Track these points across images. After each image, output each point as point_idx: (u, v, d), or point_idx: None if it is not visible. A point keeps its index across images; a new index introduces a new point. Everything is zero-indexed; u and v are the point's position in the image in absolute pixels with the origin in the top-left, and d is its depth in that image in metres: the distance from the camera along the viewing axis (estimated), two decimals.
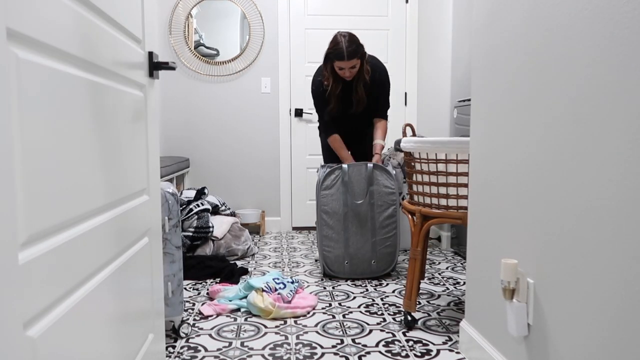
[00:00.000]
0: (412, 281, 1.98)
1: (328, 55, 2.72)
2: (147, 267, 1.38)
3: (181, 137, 3.96)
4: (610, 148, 1.01)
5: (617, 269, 0.99)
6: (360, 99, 2.84)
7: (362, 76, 2.80)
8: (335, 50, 2.67)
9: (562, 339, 1.19)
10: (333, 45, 2.69)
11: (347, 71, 2.72)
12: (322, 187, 2.70)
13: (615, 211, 1.00)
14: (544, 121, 1.25)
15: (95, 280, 0.98)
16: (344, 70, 2.72)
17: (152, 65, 1.42)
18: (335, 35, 2.71)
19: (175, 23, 3.84)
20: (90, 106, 0.96)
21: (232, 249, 3.10)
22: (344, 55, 2.65)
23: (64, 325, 0.82)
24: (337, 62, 2.69)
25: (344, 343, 1.88)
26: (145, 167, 1.37)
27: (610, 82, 1.01)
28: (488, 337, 1.60)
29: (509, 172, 1.44)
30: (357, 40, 2.71)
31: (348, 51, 2.65)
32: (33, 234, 0.73)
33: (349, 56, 2.66)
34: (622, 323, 0.98)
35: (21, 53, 0.70)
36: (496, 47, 1.51)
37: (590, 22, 1.07)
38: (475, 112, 1.68)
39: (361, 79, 2.80)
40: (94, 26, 0.98)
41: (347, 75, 2.75)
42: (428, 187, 1.94)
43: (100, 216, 1.03)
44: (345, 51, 2.65)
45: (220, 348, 1.84)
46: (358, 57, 2.70)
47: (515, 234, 1.41)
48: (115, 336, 1.09)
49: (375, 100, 2.90)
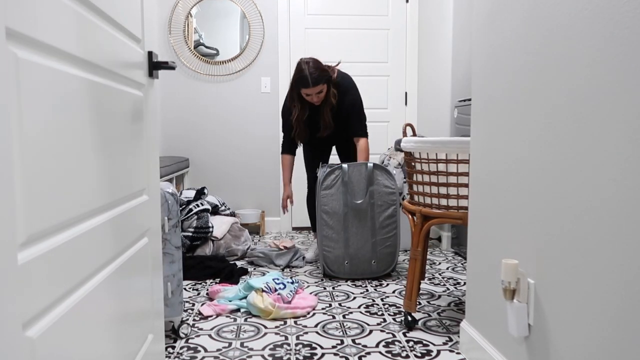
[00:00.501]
0: (412, 281, 1.98)
1: (293, 82, 2.75)
2: (147, 268, 1.37)
3: (181, 137, 3.95)
4: (610, 148, 1.01)
5: (618, 269, 0.99)
6: (326, 124, 2.87)
7: (329, 100, 2.81)
8: (300, 78, 2.70)
9: (562, 339, 1.19)
10: (297, 73, 2.72)
11: (314, 97, 2.76)
12: (322, 187, 2.70)
13: (616, 211, 0.99)
14: (544, 121, 1.25)
15: (95, 281, 0.98)
16: (311, 96, 2.76)
17: (152, 64, 1.42)
18: (299, 63, 2.74)
19: (174, 22, 3.83)
20: (89, 106, 0.95)
21: (232, 249, 3.10)
22: (308, 83, 2.69)
23: (63, 326, 0.82)
24: (303, 89, 2.73)
25: (344, 343, 1.88)
26: (144, 167, 1.36)
27: (610, 81, 1.01)
28: (489, 337, 1.60)
29: (510, 172, 1.44)
30: (321, 65, 2.74)
31: (312, 78, 2.68)
32: (32, 234, 0.73)
33: (313, 83, 2.69)
34: (622, 323, 0.98)
35: (20, 53, 0.70)
36: (497, 46, 1.51)
37: (590, 21, 1.07)
38: (476, 112, 1.67)
39: (328, 103, 2.82)
40: (93, 26, 0.98)
41: (314, 100, 2.78)
42: (428, 187, 1.94)
43: (100, 216, 1.03)
44: (310, 78, 2.68)
45: (220, 348, 1.84)
46: (323, 82, 2.72)
47: (516, 234, 1.41)
48: (114, 337, 1.09)
49: (348, 120, 2.91)
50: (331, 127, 2.89)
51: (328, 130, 2.90)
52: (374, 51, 3.99)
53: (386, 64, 4.01)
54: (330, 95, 2.81)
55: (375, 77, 4.01)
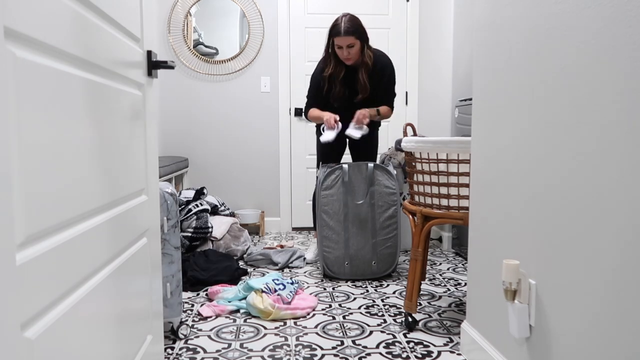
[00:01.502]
0: (412, 282, 1.97)
1: (328, 33, 2.76)
2: (146, 268, 1.37)
3: (180, 137, 3.95)
4: (612, 147, 1.00)
5: (620, 269, 0.98)
6: (363, 86, 2.82)
7: (365, 61, 2.79)
8: (334, 27, 2.72)
9: (564, 340, 1.18)
10: (333, 23, 2.74)
11: (344, 50, 2.72)
12: (322, 188, 2.69)
13: (618, 211, 0.99)
14: (546, 121, 1.24)
15: (93, 281, 0.98)
16: (342, 49, 2.72)
17: (151, 64, 1.41)
18: (338, 17, 2.76)
19: (174, 21, 3.82)
20: (88, 105, 0.95)
21: (232, 250, 3.09)
22: (340, 31, 2.68)
23: (62, 327, 0.82)
24: (335, 38, 2.72)
25: (344, 344, 1.87)
26: (143, 167, 1.36)
27: (613, 81, 1.00)
28: (489, 338, 1.59)
29: (511, 172, 1.43)
30: (358, 21, 2.73)
31: (345, 27, 2.67)
32: (30, 235, 0.73)
33: (345, 32, 2.67)
34: (624, 324, 0.97)
35: (19, 52, 0.70)
36: (498, 45, 1.50)
37: (593, 20, 1.06)
38: (477, 111, 1.66)
39: (363, 63, 2.79)
40: (92, 25, 0.98)
41: (344, 55, 2.74)
42: (429, 187, 1.93)
43: (98, 216, 1.03)
44: (343, 27, 2.67)
45: (220, 349, 1.83)
46: (356, 36, 2.70)
47: (517, 235, 1.40)
48: (113, 337, 1.08)
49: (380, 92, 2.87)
50: (367, 89, 2.81)
51: (365, 92, 2.82)
52: None
53: None
54: (366, 56, 2.78)
55: None
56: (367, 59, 2.78)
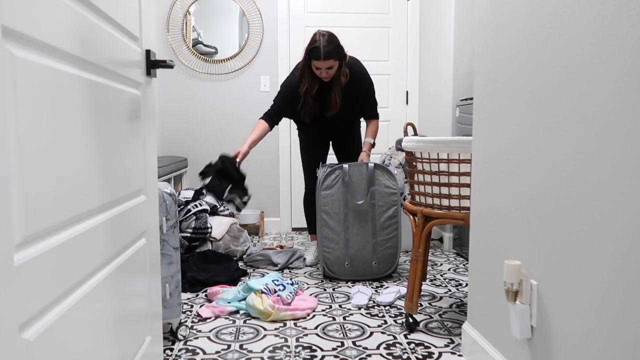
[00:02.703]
0: (413, 283, 1.96)
1: (305, 53, 2.68)
2: (145, 269, 1.36)
3: (179, 137, 3.94)
4: (614, 147, 0.99)
5: (621, 270, 0.97)
6: (334, 103, 2.78)
7: (339, 80, 2.74)
8: (313, 49, 2.63)
9: (565, 341, 1.17)
10: (311, 43, 2.65)
11: (323, 71, 2.68)
12: (322, 187, 2.68)
13: (619, 211, 0.98)
14: (547, 120, 1.24)
15: (92, 282, 0.97)
16: (321, 70, 2.68)
17: (150, 63, 1.40)
18: (315, 34, 2.67)
19: (173, 21, 3.81)
20: (86, 105, 0.94)
21: (231, 250, 3.08)
22: (320, 55, 2.61)
23: (60, 328, 0.81)
24: (314, 61, 2.65)
25: (344, 346, 1.86)
26: (142, 166, 1.35)
27: (615, 80, 0.99)
28: (491, 339, 1.59)
29: (512, 172, 1.42)
30: (337, 40, 2.66)
31: (325, 50, 2.61)
32: (29, 235, 0.72)
33: (325, 56, 2.62)
34: (626, 324, 0.97)
35: (17, 51, 0.69)
36: (499, 44, 1.49)
37: (594, 19, 1.05)
38: (478, 111, 1.66)
39: (338, 82, 2.75)
40: (90, 24, 0.97)
41: (323, 75, 2.71)
42: (430, 187, 1.92)
43: (97, 217, 1.02)
44: (322, 50, 2.60)
45: (219, 351, 1.82)
46: (335, 58, 2.65)
47: (518, 235, 1.39)
48: (112, 339, 1.08)
49: (358, 103, 2.86)
50: (337, 106, 2.79)
51: (335, 109, 2.80)
52: (375, 50, 3.97)
53: (387, 62, 4.00)
54: (342, 74, 2.74)
55: (376, 75, 3.99)
56: (343, 77, 2.74)
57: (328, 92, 2.79)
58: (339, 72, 2.73)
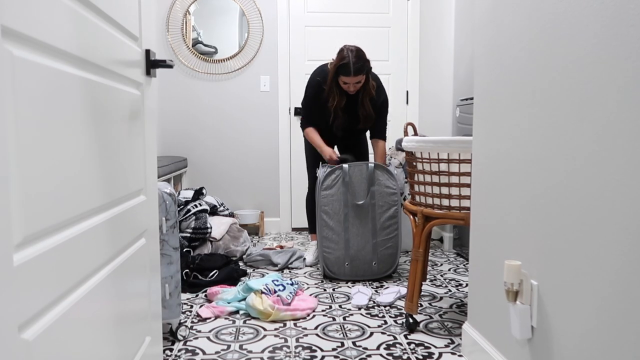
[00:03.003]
0: (413, 283, 1.96)
1: (334, 68, 2.70)
2: (144, 269, 1.36)
3: (179, 137, 3.93)
4: (614, 147, 0.99)
5: (622, 270, 0.97)
6: (367, 114, 2.83)
7: (368, 90, 2.78)
8: (342, 66, 2.66)
9: (566, 341, 1.17)
10: (339, 59, 2.67)
11: (351, 86, 2.72)
12: (322, 187, 2.67)
13: (620, 211, 0.98)
14: (547, 120, 1.23)
15: (92, 282, 0.97)
16: (348, 85, 2.71)
17: (150, 63, 1.40)
18: (342, 49, 2.70)
19: (172, 20, 3.81)
20: (86, 105, 0.94)
21: (231, 250, 3.08)
22: (350, 71, 2.64)
23: (60, 328, 0.81)
24: (343, 77, 2.69)
25: (344, 346, 1.86)
26: (142, 166, 1.35)
27: (616, 79, 0.99)
28: (491, 339, 1.58)
29: (512, 172, 1.42)
30: (364, 55, 2.70)
31: (355, 67, 2.64)
32: (28, 235, 0.72)
33: (355, 72, 2.65)
34: (626, 325, 0.96)
35: (16, 51, 0.69)
36: (499, 44, 1.49)
37: (595, 19, 1.05)
38: (478, 111, 1.65)
39: (367, 93, 2.78)
40: (90, 24, 0.97)
41: (351, 90, 2.74)
42: (430, 187, 1.92)
43: (97, 217, 1.02)
44: (352, 67, 2.64)
45: (219, 351, 1.81)
46: (364, 73, 2.69)
47: (519, 235, 1.39)
48: (111, 339, 1.07)
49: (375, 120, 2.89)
50: (372, 117, 2.83)
51: (369, 121, 2.84)
52: (375, 49, 3.97)
53: (387, 62, 3.99)
54: (370, 87, 2.77)
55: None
56: (371, 88, 2.79)
57: (355, 103, 2.83)
58: (367, 84, 2.77)
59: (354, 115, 2.86)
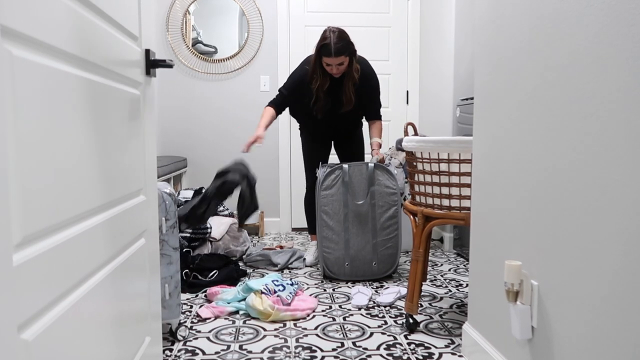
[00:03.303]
0: (413, 283, 1.96)
1: (316, 50, 2.69)
2: (144, 269, 1.36)
3: (178, 136, 3.93)
4: (615, 147, 0.99)
5: (622, 270, 0.97)
6: (348, 98, 2.81)
7: (351, 75, 2.76)
8: (323, 46, 2.64)
9: (566, 342, 1.17)
10: (321, 40, 2.66)
11: (334, 67, 2.69)
12: (322, 188, 2.67)
13: (620, 211, 0.97)
14: (547, 120, 1.23)
15: (91, 282, 0.97)
16: (331, 66, 2.69)
17: (149, 63, 1.40)
18: (325, 30, 2.68)
19: (172, 20, 3.81)
20: (85, 105, 0.94)
21: (231, 251, 3.07)
22: (331, 52, 2.62)
23: (59, 328, 0.81)
24: (325, 58, 2.67)
25: (344, 346, 1.86)
26: (142, 166, 1.35)
27: (616, 79, 0.98)
28: (491, 340, 1.58)
29: (512, 172, 1.42)
30: (347, 37, 2.67)
31: (336, 47, 2.62)
32: (28, 235, 0.72)
33: (336, 52, 2.62)
34: (627, 325, 0.96)
35: (15, 50, 0.69)
36: (499, 43, 1.49)
37: (595, 18, 1.05)
38: (478, 110, 1.65)
39: (350, 77, 2.76)
40: (89, 23, 0.97)
41: (334, 71, 2.72)
42: (430, 187, 1.92)
43: (96, 217, 1.02)
44: (333, 47, 2.61)
45: (219, 351, 1.81)
46: (346, 54, 2.66)
47: (519, 235, 1.39)
48: (111, 339, 1.07)
49: (365, 102, 2.88)
50: (352, 102, 2.82)
51: (350, 105, 2.82)
52: (375, 49, 3.97)
53: (387, 62, 3.99)
54: (353, 70, 2.75)
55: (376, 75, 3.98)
56: (354, 72, 2.77)
57: (340, 87, 2.81)
58: (350, 68, 2.74)
59: (336, 98, 2.83)
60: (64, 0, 0.85)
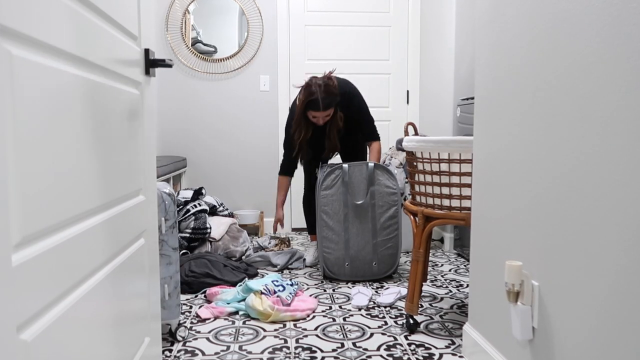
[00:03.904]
0: (414, 283, 1.95)
1: (302, 104, 2.68)
2: (143, 269, 1.35)
3: (178, 136, 3.92)
4: (616, 147, 0.98)
5: (623, 270, 0.97)
6: (332, 146, 2.83)
7: (336, 122, 2.77)
8: (310, 102, 2.63)
9: (567, 342, 1.16)
10: (308, 95, 2.64)
11: (320, 119, 2.71)
12: (322, 187, 2.67)
13: (621, 211, 0.97)
14: (548, 120, 1.23)
15: (91, 283, 0.97)
16: (318, 118, 2.71)
17: (149, 62, 1.39)
18: (309, 84, 2.65)
19: (172, 19, 3.80)
20: (85, 104, 0.94)
21: (230, 251, 3.07)
22: (319, 107, 2.63)
23: (59, 329, 0.81)
24: (312, 112, 2.67)
25: (344, 347, 1.85)
26: (141, 166, 1.34)
27: (617, 79, 0.98)
28: (492, 340, 1.58)
29: (513, 172, 1.41)
30: (333, 89, 2.65)
31: (324, 103, 2.62)
32: (27, 236, 0.72)
33: (324, 107, 2.64)
34: (628, 325, 0.96)
35: (15, 50, 0.69)
36: (500, 43, 1.49)
37: (597, 18, 1.04)
38: (479, 110, 1.65)
39: (334, 124, 2.77)
40: (89, 23, 0.96)
41: (320, 122, 2.74)
42: (430, 188, 1.91)
43: (96, 217, 1.02)
44: (322, 102, 2.62)
45: (218, 352, 1.81)
46: (332, 106, 2.68)
47: (520, 235, 1.39)
48: (110, 340, 1.07)
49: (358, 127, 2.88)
50: (336, 148, 2.86)
51: (332, 151, 2.87)
52: (375, 49, 3.96)
53: (387, 61, 3.99)
54: (337, 118, 2.76)
55: (377, 75, 3.98)
56: (339, 121, 2.77)
57: (323, 134, 2.82)
58: (334, 116, 2.76)
59: (319, 146, 2.86)
60: (63, 0, 0.85)
